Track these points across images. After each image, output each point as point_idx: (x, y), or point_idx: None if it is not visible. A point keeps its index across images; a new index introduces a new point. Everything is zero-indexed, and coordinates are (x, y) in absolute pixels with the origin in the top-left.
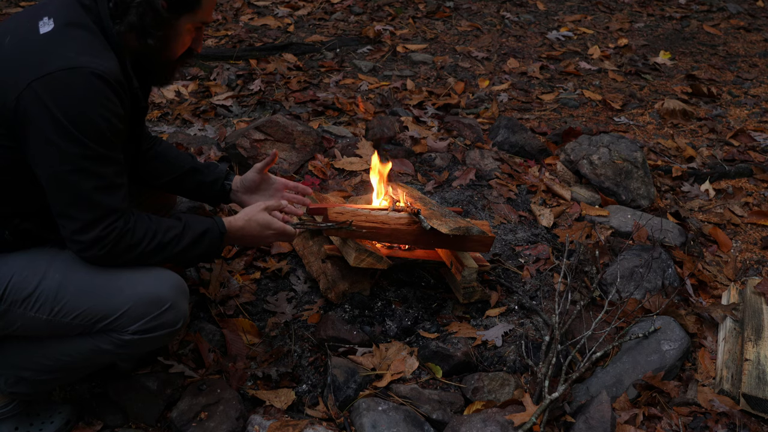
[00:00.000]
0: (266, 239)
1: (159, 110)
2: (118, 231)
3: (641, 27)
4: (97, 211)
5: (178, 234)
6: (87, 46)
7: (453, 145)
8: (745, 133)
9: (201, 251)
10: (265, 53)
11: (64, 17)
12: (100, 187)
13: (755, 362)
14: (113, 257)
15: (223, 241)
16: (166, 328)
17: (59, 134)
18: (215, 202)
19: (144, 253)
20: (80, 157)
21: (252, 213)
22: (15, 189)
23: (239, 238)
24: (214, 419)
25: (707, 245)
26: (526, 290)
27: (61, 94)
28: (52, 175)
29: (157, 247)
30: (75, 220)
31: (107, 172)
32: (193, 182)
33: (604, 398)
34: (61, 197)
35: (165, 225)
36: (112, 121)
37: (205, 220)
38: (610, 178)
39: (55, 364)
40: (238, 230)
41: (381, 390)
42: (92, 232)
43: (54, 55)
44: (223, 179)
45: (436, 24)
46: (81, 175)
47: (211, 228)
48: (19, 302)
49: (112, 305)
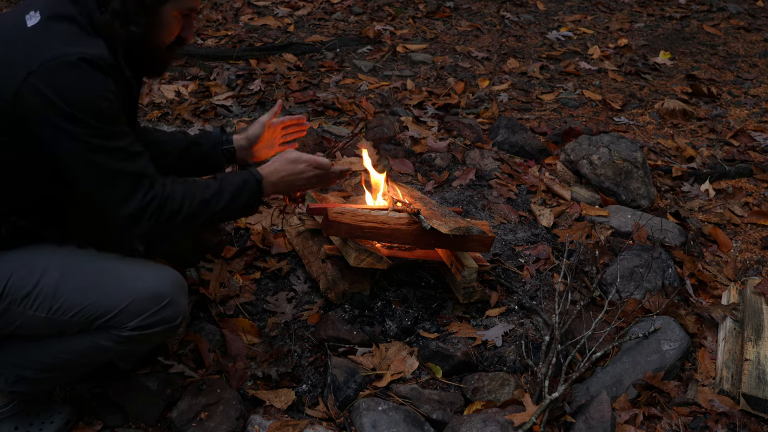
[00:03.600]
0: (302, 174)
1: (159, 110)
2: (158, 197)
3: (641, 27)
4: (128, 181)
5: (217, 190)
6: (74, 35)
7: (453, 145)
8: (745, 133)
9: (243, 203)
10: (265, 53)
11: (50, 10)
12: (122, 159)
13: (755, 362)
14: (164, 225)
15: (262, 188)
16: (165, 324)
17: (65, 121)
18: (220, 168)
19: (190, 215)
20: (92, 136)
21: (280, 155)
22: (12, 186)
23: (276, 183)
24: (214, 419)
25: (707, 245)
26: (526, 290)
27: (57, 82)
28: (72, 162)
29: (200, 206)
30: (111, 199)
31: (122, 144)
32: (193, 156)
33: (604, 398)
34: (89, 180)
35: (202, 184)
36: (111, 99)
37: (239, 173)
38: (610, 178)
39: (55, 362)
40: (273, 173)
41: (381, 390)
42: (132, 204)
43: (42, 47)
44: (222, 143)
45: (436, 24)
46: (98, 153)
47: (248, 178)
48: (18, 301)
49: (111, 302)
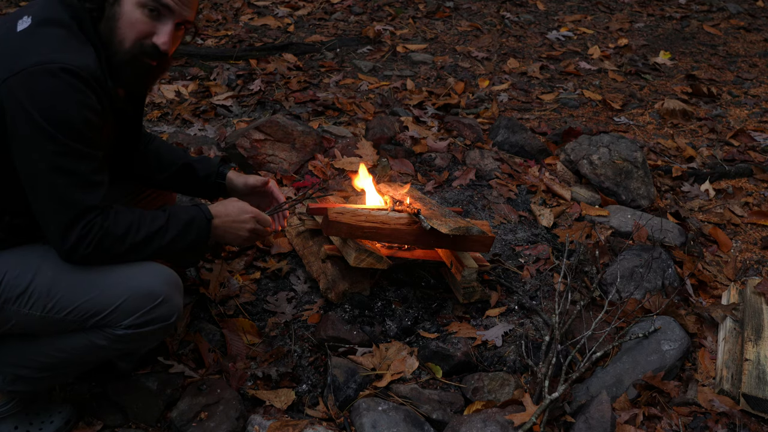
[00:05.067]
0: (244, 224)
1: (159, 110)
2: (99, 227)
3: (641, 27)
4: (74, 210)
5: (163, 224)
6: (63, 42)
7: (453, 145)
8: (745, 133)
9: (190, 240)
10: (265, 53)
11: (41, 15)
12: (76, 185)
13: (755, 362)
14: (101, 255)
15: (211, 227)
16: (160, 322)
17: (33, 131)
18: (212, 196)
19: (132, 247)
20: (55, 153)
21: (228, 200)
22: (5, 185)
23: (219, 226)
24: (214, 419)
25: (707, 245)
26: (526, 290)
27: (34, 90)
28: (28, 173)
29: (145, 239)
30: (53, 222)
31: (84, 169)
32: (187, 178)
33: (604, 398)
34: (38, 195)
35: (149, 216)
36: (88, 117)
37: (190, 209)
38: (610, 178)
39: (52, 361)
40: (222, 215)
41: (381, 390)
42: (73, 234)
43: (28, 52)
44: (216, 173)
45: (436, 24)
46: (56, 172)
47: (197, 216)
48: (12, 299)
49: (105, 300)
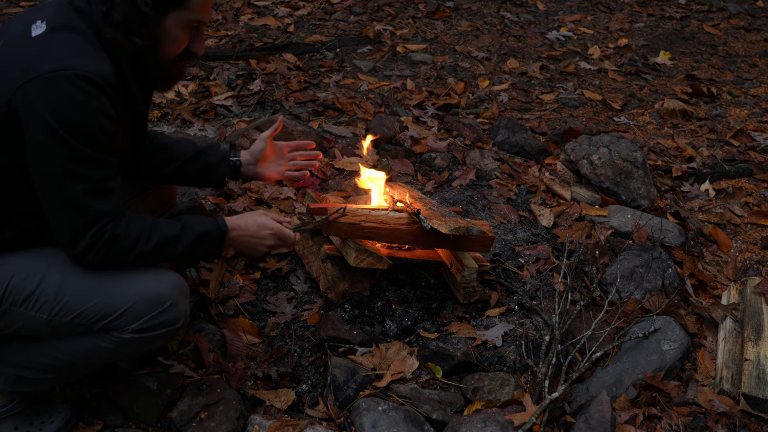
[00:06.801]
0: (264, 240)
1: (159, 110)
2: (110, 234)
3: (641, 27)
4: (86, 216)
5: (176, 234)
6: (78, 48)
7: (453, 145)
8: (745, 133)
9: (203, 251)
10: (265, 53)
11: (56, 20)
12: (89, 191)
13: (755, 362)
14: (111, 261)
15: (225, 240)
16: (167, 326)
17: (48, 136)
18: (222, 182)
19: (142, 255)
20: (69, 159)
21: (251, 212)
22: (14, 189)
23: (236, 239)
24: (214, 419)
25: (707, 245)
26: (526, 290)
27: (50, 96)
28: (41, 178)
29: (155, 248)
30: (65, 227)
31: (97, 176)
32: (199, 166)
33: (604, 398)
34: (50, 200)
35: (162, 225)
36: (103, 124)
37: (206, 220)
38: (610, 178)
39: (56, 363)
40: (238, 228)
41: (381, 390)
42: (83, 239)
43: (44, 58)
44: (229, 156)
45: (436, 24)
46: (70, 178)
47: (212, 229)
48: (19, 302)
49: (113, 304)
